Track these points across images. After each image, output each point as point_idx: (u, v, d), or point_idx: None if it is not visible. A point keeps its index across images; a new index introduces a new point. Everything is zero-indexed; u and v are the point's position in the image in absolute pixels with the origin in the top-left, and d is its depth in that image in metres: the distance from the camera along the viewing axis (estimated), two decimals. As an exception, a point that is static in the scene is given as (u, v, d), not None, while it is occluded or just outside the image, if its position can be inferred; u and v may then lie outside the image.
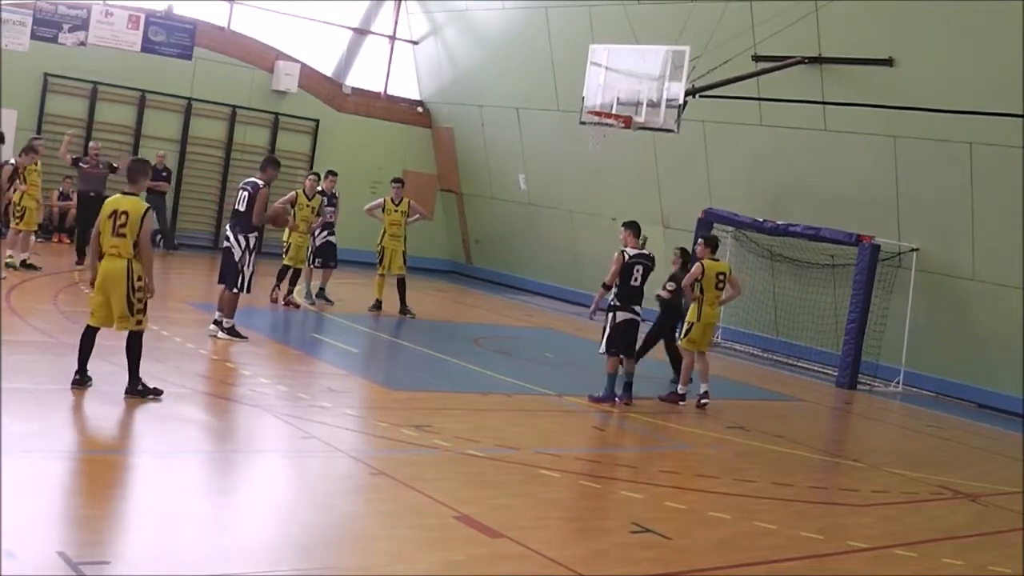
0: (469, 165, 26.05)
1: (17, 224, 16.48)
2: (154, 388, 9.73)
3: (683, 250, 14.98)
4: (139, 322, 9.68)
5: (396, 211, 17.68)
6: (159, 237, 22.71)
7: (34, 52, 20.87)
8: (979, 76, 15.55)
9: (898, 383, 17.37)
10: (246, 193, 13.52)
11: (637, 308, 12.76)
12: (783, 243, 18.97)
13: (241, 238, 13.37)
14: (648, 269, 12.77)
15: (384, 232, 17.61)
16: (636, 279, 12.65)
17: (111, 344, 11.47)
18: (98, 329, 9.79)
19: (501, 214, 25.43)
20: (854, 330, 17.04)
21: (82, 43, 21.38)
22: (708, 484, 9.68)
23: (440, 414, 11.21)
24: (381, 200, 18.00)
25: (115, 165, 19.15)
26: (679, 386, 13.59)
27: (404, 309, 17.45)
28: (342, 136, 25.14)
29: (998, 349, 16.30)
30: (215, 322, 13.34)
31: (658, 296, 14.49)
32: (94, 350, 9.87)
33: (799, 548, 8.11)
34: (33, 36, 20.85)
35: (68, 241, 20.90)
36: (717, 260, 13.63)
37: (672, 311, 14.71)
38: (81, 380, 9.75)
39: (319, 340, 14.57)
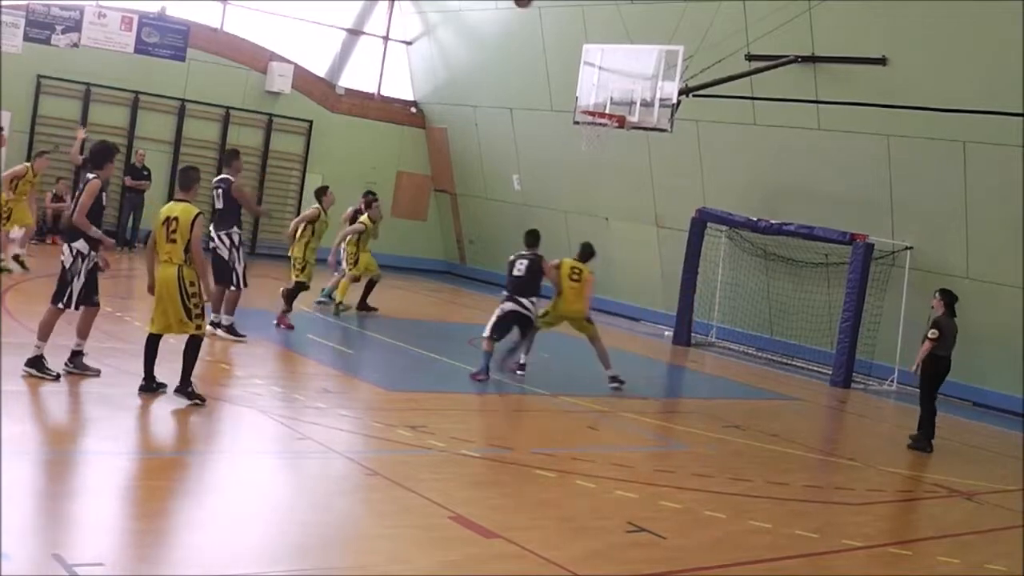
0: (463, 165, 26.05)
1: (6, 224, 16.54)
2: (200, 395, 9.78)
3: (944, 291, 13.25)
4: (198, 327, 9.81)
5: (376, 226, 17.78)
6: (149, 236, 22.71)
7: (27, 54, 20.83)
8: (973, 75, 15.58)
9: (892, 381, 17.39)
10: (220, 191, 13.64)
11: (522, 301, 13.42)
12: (777, 242, 18.99)
13: (224, 236, 13.47)
14: (532, 262, 13.49)
15: (358, 246, 17.27)
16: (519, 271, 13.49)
17: (109, 346, 11.47)
18: (160, 336, 9.90)
19: (495, 214, 25.44)
20: (848, 328, 17.06)
21: (75, 44, 21.33)
22: (703, 483, 9.69)
23: (435, 414, 11.20)
24: (361, 227, 17.28)
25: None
26: (522, 356, 13.88)
27: (366, 305, 17.65)
28: (336, 137, 25.14)
29: (992, 347, 16.32)
30: (211, 323, 13.35)
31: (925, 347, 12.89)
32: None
33: (794, 547, 8.12)
34: (26, 38, 20.81)
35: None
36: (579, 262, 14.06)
37: (936, 365, 12.92)
38: (147, 386, 9.87)
39: (313, 341, 14.55)
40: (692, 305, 19.50)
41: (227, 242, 13.46)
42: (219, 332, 13.40)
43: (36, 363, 9.87)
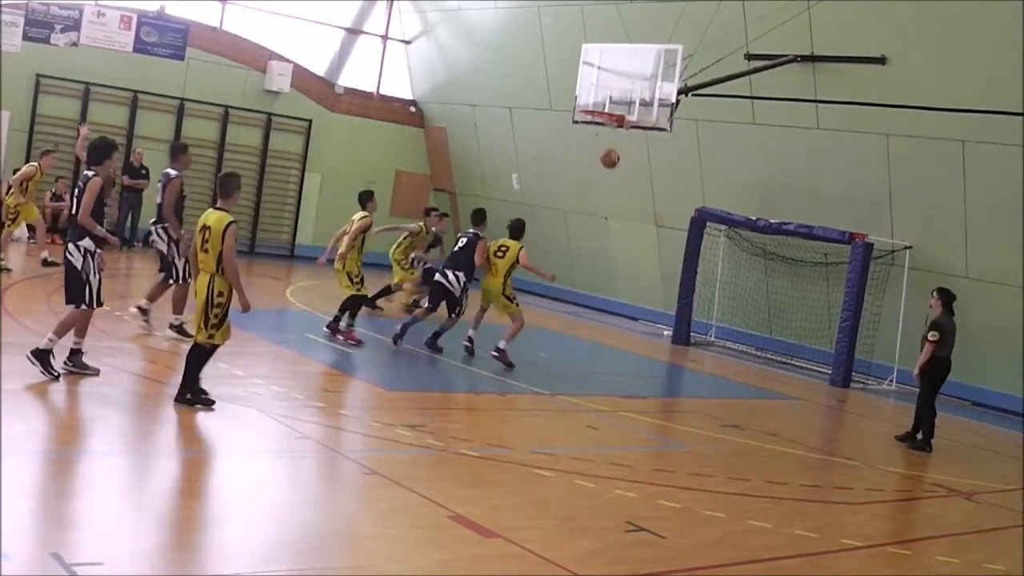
0: (462, 165, 26.04)
1: (10, 226, 16.61)
2: (205, 399, 9.70)
3: (942, 290, 13.10)
4: (211, 336, 9.65)
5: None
6: (147, 236, 22.74)
7: (26, 53, 20.82)
8: (972, 73, 15.57)
9: (892, 381, 17.39)
10: (160, 184, 12.97)
11: (448, 273, 14.47)
12: (776, 241, 18.99)
13: (161, 231, 12.82)
14: (471, 240, 14.68)
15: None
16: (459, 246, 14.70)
17: (108, 345, 11.47)
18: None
19: (495, 214, 25.23)
20: (847, 328, 17.06)
21: (74, 44, 21.33)
22: (702, 483, 9.69)
23: (434, 414, 11.21)
24: (414, 226, 18.10)
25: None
26: (472, 330, 14.78)
27: (373, 303, 17.58)
28: (335, 136, 25.13)
29: (991, 347, 16.32)
30: (171, 326, 12.90)
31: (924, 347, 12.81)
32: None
33: (793, 546, 8.12)
34: (25, 37, 20.81)
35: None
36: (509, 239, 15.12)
37: (937, 366, 12.85)
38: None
39: (313, 340, 14.54)
40: (691, 304, 19.50)
41: (164, 237, 12.76)
42: (170, 332, 12.82)
43: (43, 357, 9.82)
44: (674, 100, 16.19)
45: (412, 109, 26.71)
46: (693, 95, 16.78)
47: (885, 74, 16.54)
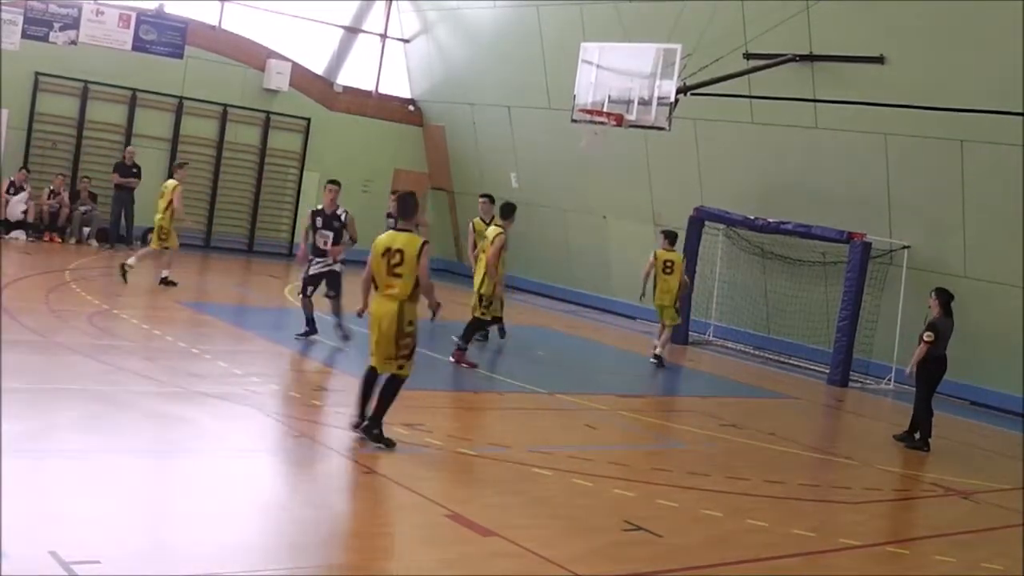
0: (461, 163, 26.03)
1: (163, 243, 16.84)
2: (388, 439, 9.14)
3: (940, 290, 13.03)
4: (401, 367, 9.23)
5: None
6: (146, 234, 22.72)
7: (25, 51, 20.81)
8: (970, 73, 15.58)
9: (890, 380, 17.39)
10: None
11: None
12: (774, 241, 18.99)
13: None
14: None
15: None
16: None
17: (107, 343, 11.46)
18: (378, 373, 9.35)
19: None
20: (846, 327, 17.06)
21: (73, 42, 21.33)
22: (700, 482, 9.69)
23: (432, 412, 11.20)
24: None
25: None
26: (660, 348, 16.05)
27: (502, 332, 16.59)
28: (334, 135, 25.11)
29: (989, 346, 16.33)
30: None
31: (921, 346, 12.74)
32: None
33: (791, 545, 8.12)
34: (24, 35, 20.82)
35: (60, 240, 20.86)
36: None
37: (933, 365, 12.86)
38: (359, 423, 9.27)
39: (311, 339, 14.53)
40: (690, 303, 19.50)
41: None
42: None
43: None
44: (673, 99, 16.19)
45: (411, 108, 26.70)
46: (692, 94, 16.78)
47: (884, 74, 16.54)
